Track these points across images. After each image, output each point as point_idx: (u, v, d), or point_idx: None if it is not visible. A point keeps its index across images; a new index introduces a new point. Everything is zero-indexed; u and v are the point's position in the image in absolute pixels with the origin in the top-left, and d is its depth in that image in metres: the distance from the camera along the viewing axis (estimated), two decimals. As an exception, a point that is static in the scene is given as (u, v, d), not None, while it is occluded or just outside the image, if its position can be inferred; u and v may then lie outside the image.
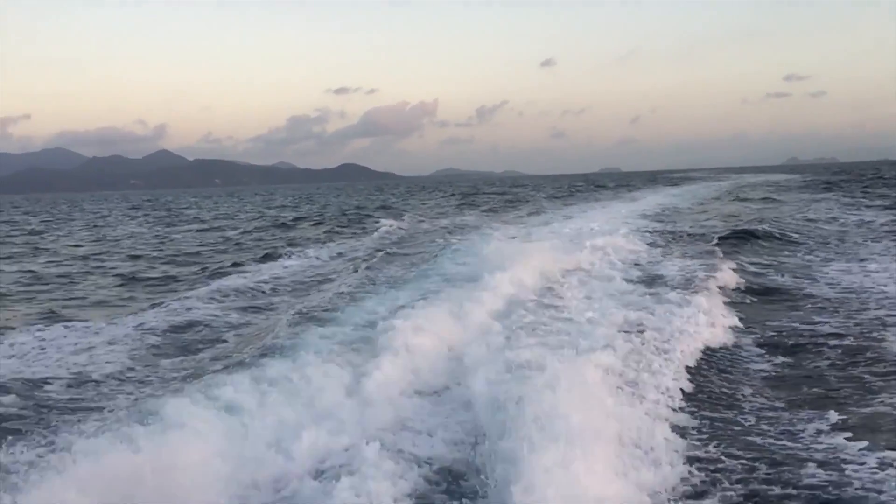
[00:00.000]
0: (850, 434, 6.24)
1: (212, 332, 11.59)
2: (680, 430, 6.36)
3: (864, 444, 5.95)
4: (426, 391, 7.44)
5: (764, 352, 9.16)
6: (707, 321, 10.03)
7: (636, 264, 15.70)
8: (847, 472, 5.45)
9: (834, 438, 6.20)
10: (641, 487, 5.07)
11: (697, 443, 6.16)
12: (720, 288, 12.60)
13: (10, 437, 6.32)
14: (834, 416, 6.72)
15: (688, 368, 8.12)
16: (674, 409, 6.91)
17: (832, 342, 9.28)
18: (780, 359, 8.84)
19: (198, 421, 5.89)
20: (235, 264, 20.53)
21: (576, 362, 7.19)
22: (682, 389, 7.44)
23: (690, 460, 5.75)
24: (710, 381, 7.99)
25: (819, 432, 6.38)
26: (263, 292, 15.29)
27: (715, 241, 19.26)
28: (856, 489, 5.16)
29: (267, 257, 21.59)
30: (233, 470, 5.30)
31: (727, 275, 13.73)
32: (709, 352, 8.95)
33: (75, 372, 9.13)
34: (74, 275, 20.63)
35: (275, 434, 6.02)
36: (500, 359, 7.79)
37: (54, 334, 11.49)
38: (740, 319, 10.52)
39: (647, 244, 19.03)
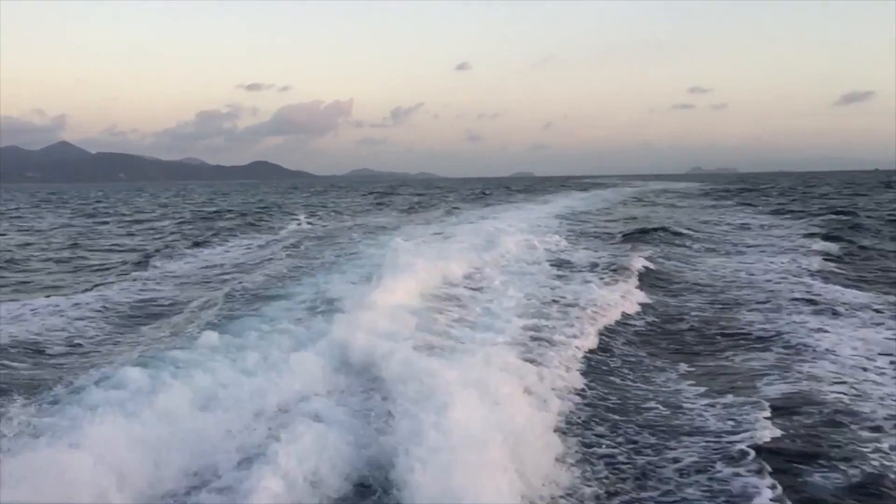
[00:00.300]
0: (692, 381, 8.02)
1: (151, 310, 12.50)
2: (571, 375, 7.90)
3: (702, 389, 7.66)
4: (342, 378, 7.78)
5: (644, 320, 11.09)
6: (607, 297, 11.99)
7: (548, 257, 17.19)
8: (682, 409, 7.05)
9: (679, 384, 7.95)
10: (529, 412, 6.21)
11: (582, 385, 7.66)
12: (619, 272, 14.75)
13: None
14: (683, 367, 8.62)
15: (586, 333, 9.69)
16: (570, 362, 8.37)
17: (695, 313, 11.53)
18: (654, 325, 10.80)
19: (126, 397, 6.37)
20: (169, 248, 21.76)
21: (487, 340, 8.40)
22: (578, 347, 9.00)
23: (574, 395, 7.25)
24: (601, 340, 9.61)
25: (668, 380, 8.17)
26: (193, 276, 16.35)
27: (619, 238, 22.03)
28: (685, 420, 6.71)
29: (197, 245, 22.88)
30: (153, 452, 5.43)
31: (628, 262, 15.91)
32: (605, 320, 10.63)
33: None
34: (19, 261, 20.90)
35: (202, 410, 6.32)
36: (415, 340, 8.77)
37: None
38: (634, 297, 12.37)
39: (559, 240, 20.66)
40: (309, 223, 31.36)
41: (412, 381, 6.71)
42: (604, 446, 6.12)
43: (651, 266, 15.88)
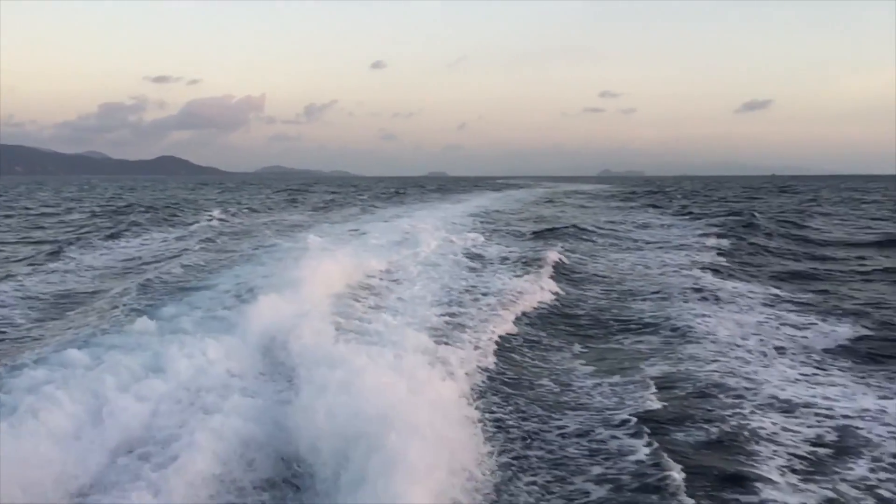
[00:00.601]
0: (583, 361, 8.87)
1: (75, 299, 12.59)
2: (478, 353, 8.58)
3: (591, 369, 8.49)
4: (261, 363, 8.06)
5: (549, 308, 11.85)
6: (517, 287, 12.80)
7: (463, 252, 17.84)
8: (571, 385, 7.81)
9: (571, 363, 8.79)
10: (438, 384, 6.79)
11: (486, 363, 8.29)
12: (529, 265, 15.60)
13: None
14: (577, 348, 9.51)
15: (495, 319, 10.37)
16: (478, 343, 9.03)
17: (593, 302, 12.62)
18: (556, 312, 11.63)
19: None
20: (82, 240, 21.58)
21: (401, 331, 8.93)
22: (487, 330, 9.68)
23: (479, 371, 7.93)
24: (509, 325, 10.28)
25: (563, 359, 9.00)
26: (112, 267, 16.31)
27: (530, 235, 23.16)
28: (572, 396, 7.46)
29: (112, 237, 22.76)
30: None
31: (537, 256, 16.79)
32: (513, 308, 11.31)
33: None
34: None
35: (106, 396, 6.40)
36: (331, 326, 9.16)
37: None
38: (541, 287, 13.11)
39: (473, 237, 21.37)
40: (222, 219, 31.12)
41: (325, 362, 7.13)
42: (498, 414, 6.73)
43: (558, 260, 16.72)
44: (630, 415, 6.67)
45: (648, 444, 5.95)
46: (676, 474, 5.27)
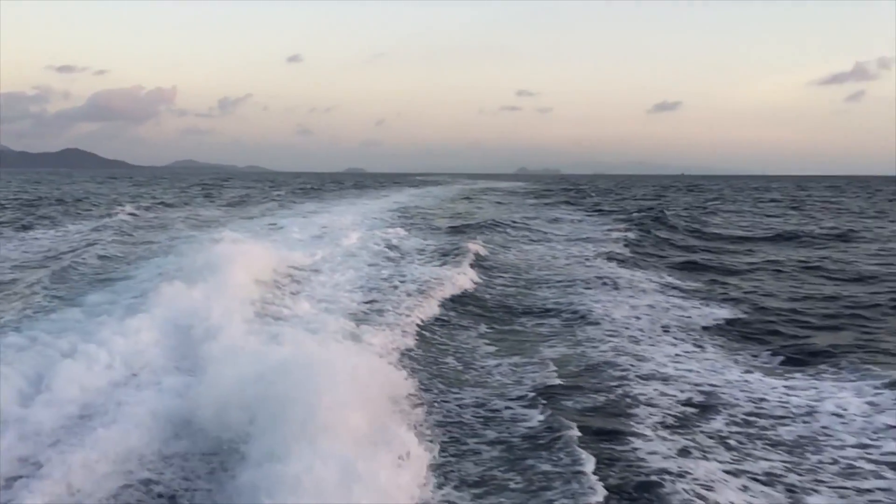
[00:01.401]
0: (487, 341, 9.61)
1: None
2: (393, 333, 9.16)
3: (494, 348, 9.21)
4: (181, 351, 8.12)
5: (463, 294, 12.47)
6: (434, 276, 13.45)
7: (382, 245, 18.33)
8: (473, 365, 8.43)
9: (476, 342, 9.53)
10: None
11: (399, 343, 8.86)
12: (446, 256, 16.39)
13: None
14: (483, 328, 10.29)
15: (411, 305, 10.96)
16: (395, 325, 9.60)
17: (500, 289, 13.45)
18: (469, 298, 12.29)
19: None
20: None
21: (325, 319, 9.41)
22: (402, 314, 10.30)
23: (393, 350, 8.49)
24: (426, 309, 10.84)
25: (469, 336, 9.80)
26: (27, 258, 16.16)
27: (448, 229, 24.02)
28: (472, 374, 8.08)
29: (24, 228, 22.64)
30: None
31: (454, 248, 17.61)
32: (430, 295, 11.87)
33: None
34: None
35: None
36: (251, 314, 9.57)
37: None
38: (456, 276, 13.69)
39: (392, 231, 21.82)
40: (135, 213, 30.63)
41: (242, 342, 7.54)
42: (401, 388, 7.13)
43: (473, 251, 17.29)
44: (527, 390, 7.32)
45: (542, 413, 6.61)
46: (568, 433, 5.93)
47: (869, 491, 5.13)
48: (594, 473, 5.19)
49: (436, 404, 6.86)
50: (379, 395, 5.96)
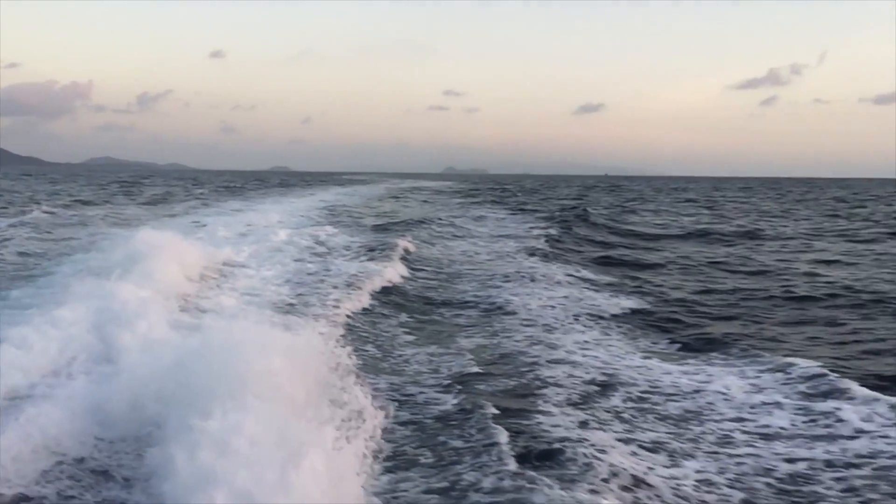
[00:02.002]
0: (406, 329, 10.08)
1: None
2: (318, 323, 9.45)
3: (413, 337, 9.65)
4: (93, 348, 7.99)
5: (387, 286, 12.86)
6: (360, 271, 13.76)
7: (308, 242, 18.53)
8: (392, 354, 8.82)
9: (396, 330, 10.03)
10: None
11: (324, 331, 9.09)
12: (372, 252, 16.73)
13: None
14: (404, 317, 10.78)
15: (341, 297, 11.32)
16: (321, 316, 9.93)
17: (422, 281, 14.10)
18: (393, 291, 12.66)
19: None
20: None
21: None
22: (329, 305, 10.67)
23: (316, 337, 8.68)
24: (351, 302, 11.10)
25: (390, 326, 10.23)
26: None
27: (374, 227, 24.47)
28: (391, 362, 8.45)
29: None
30: None
31: (380, 245, 17.94)
32: (355, 288, 12.17)
33: None
34: None
35: None
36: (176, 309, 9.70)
37: None
38: (382, 271, 13.99)
39: (318, 229, 22.04)
40: (51, 211, 29.84)
41: (170, 339, 7.74)
42: (321, 373, 7.48)
43: (398, 248, 17.68)
44: (443, 377, 7.75)
45: (456, 396, 7.06)
46: (481, 412, 6.39)
47: (740, 456, 5.75)
48: (506, 444, 5.66)
49: (351, 388, 7.04)
50: (302, 374, 6.25)
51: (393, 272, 14.02)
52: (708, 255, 19.58)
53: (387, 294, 12.30)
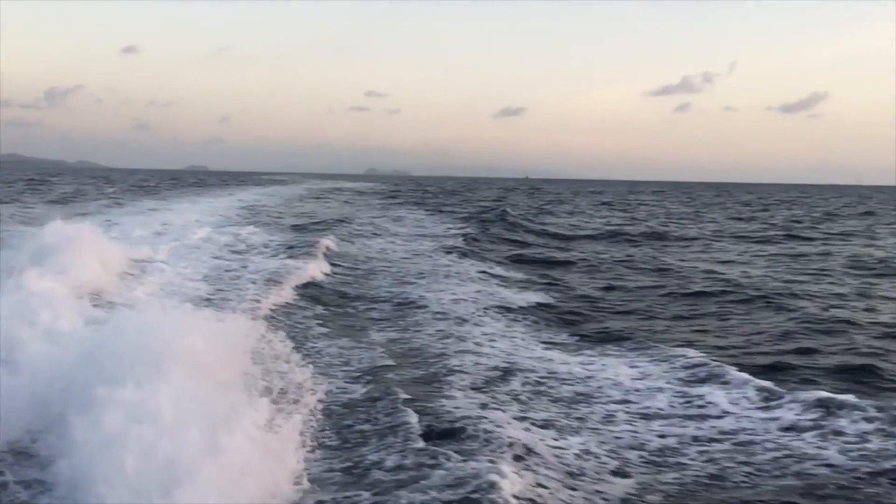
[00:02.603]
0: (320, 321, 10.47)
1: None
2: (234, 317, 9.41)
3: (327, 329, 10.00)
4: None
5: (306, 280, 13.15)
6: (278, 268, 14.03)
7: (227, 241, 18.57)
8: (305, 344, 9.05)
9: (310, 322, 10.37)
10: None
11: (248, 324, 9.04)
12: (293, 250, 17.08)
13: None
14: (319, 310, 11.16)
15: (258, 292, 11.61)
16: (235, 309, 10.13)
17: (339, 277, 14.43)
18: (311, 286, 12.88)
19: None
20: None
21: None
22: (250, 301, 10.96)
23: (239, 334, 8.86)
24: (267, 296, 11.39)
25: (305, 318, 10.57)
26: None
27: (294, 227, 24.44)
28: (302, 352, 8.60)
29: None
30: None
31: (301, 243, 18.19)
32: (272, 285, 12.44)
33: None
34: None
35: None
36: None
37: None
38: (302, 267, 14.29)
39: (237, 229, 21.93)
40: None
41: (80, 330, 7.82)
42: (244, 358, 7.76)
43: (317, 245, 17.93)
44: (353, 368, 8.13)
45: (365, 385, 7.46)
46: (391, 398, 6.80)
47: (619, 433, 6.38)
48: (412, 425, 6.10)
49: (264, 376, 7.24)
50: (229, 356, 6.47)
51: (311, 269, 14.26)
52: (615, 254, 20.51)
53: (304, 289, 12.55)
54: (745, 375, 7.78)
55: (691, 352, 8.93)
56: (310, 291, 12.52)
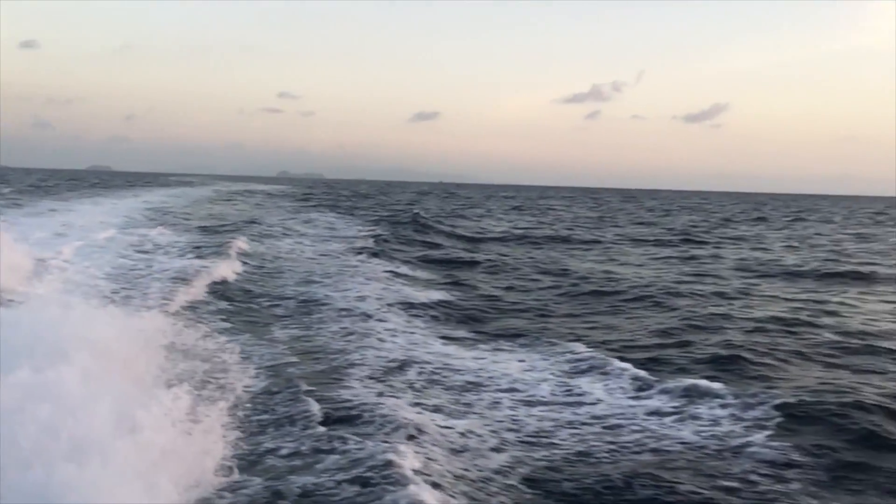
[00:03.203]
0: (224, 317, 10.63)
1: None
2: (150, 313, 9.76)
3: (230, 326, 10.17)
4: None
5: (212, 280, 13.23)
6: (185, 268, 14.17)
7: (136, 239, 18.40)
8: (213, 342, 9.16)
9: (215, 319, 10.46)
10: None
11: (151, 322, 9.30)
12: (200, 250, 16.95)
13: None
14: (224, 305, 11.44)
15: (164, 292, 11.73)
16: (140, 307, 10.17)
17: (245, 276, 14.50)
18: (216, 283, 12.98)
19: None
20: None
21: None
22: (159, 299, 11.06)
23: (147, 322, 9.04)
24: (176, 294, 11.56)
25: (210, 314, 10.75)
26: None
27: (203, 228, 24.20)
28: (211, 349, 8.80)
29: None
30: None
31: (209, 244, 18.34)
32: (180, 284, 12.51)
33: None
34: None
35: None
36: None
37: None
38: (208, 267, 14.39)
39: (143, 230, 21.68)
40: None
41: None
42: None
43: (226, 246, 17.95)
44: (254, 363, 8.35)
45: (268, 378, 7.72)
46: (292, 390, 7.12)
47: (501, 417, 6.92)
48: (312, 413, 6.46)
49: (166, 370, 7.38)
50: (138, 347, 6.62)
51: (221, 268, 14.37)
52: (519, 256, 21.24)
53: (208, 288, 12.66)
54: (624, 365, 8.47)
55: (579, 346, 9.57)
56: (218, 289, 12.66)
